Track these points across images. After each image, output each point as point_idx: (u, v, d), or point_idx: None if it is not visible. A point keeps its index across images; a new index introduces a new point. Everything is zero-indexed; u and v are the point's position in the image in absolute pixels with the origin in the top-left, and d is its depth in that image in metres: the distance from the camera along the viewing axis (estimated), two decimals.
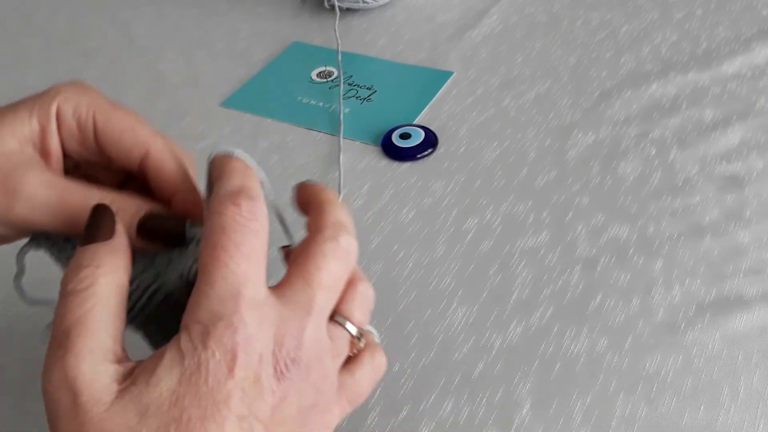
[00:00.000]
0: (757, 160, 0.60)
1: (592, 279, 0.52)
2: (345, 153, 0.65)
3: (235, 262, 0.29)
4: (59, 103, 0.35)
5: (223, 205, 0.30)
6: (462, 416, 0.45)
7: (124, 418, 0.27)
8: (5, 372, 0.50)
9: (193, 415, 0.27)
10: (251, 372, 0.28)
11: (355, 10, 0.84)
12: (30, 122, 0.35)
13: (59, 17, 0.90)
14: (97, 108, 0.36)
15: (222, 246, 0.29)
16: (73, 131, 0.36)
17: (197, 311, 0.29)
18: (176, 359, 0.28)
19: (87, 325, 0.28)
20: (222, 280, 0.29)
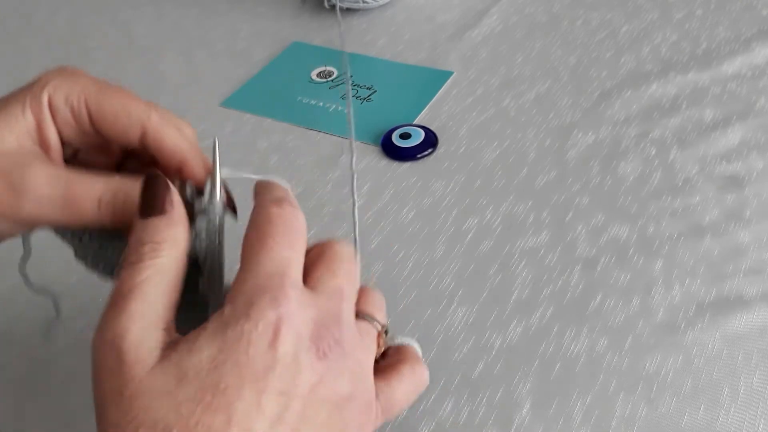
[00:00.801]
0: (757, 160, 0.60)
1: (592, 279, 0.52)
2: (345, 153, 0.65)
3: (281, 247, 0.31)
4: (50, 94, 0.35)
5: (268, 206, 0.32)
6: (462, 416, 0.45)
7: (163, 381, 0.27)
8: (5, 372, 0.50)
9: (230, 384, 0.27)
10: (292, 347, 0.28)
11: (355, 10, 0.84)
12: (24, 116, 0.35)
13: (59, 17, 0.90)
14: (88, 93, 0.36)
15: (269, 233, 0.31)
16: (68, 120, 0.36)
17: (242, 285, 0.29)
18: (219, 329, 0.28)
19: (143, 290, 0.29)
20: (269, 261, 0.30)
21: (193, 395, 0.27)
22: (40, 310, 0.54)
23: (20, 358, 0.51)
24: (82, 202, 0.34)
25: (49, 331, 0.41)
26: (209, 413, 0.27)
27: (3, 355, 0.51)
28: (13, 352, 0.52)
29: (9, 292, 0.56)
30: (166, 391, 0.27)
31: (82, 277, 0.55)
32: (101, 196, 0.34)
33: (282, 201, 0.32)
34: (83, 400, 0.30)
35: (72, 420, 0.47)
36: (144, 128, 0.36)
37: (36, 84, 0.35)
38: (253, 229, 0.31)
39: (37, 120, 0.35)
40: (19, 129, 0.35)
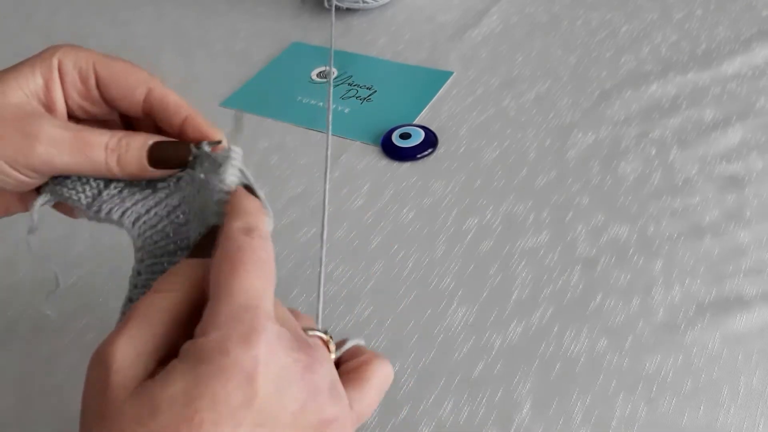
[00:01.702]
0: (757, 160, 0.60)
1: (592, 279, 0.52)
2: (345, 153, 0.65)
3: (253, 278, 0.30)
4: (60, 58, 0.37)
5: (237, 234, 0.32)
6: (462, 416, 0.45)
7: (137, 410, 0.27)
8: (5, 372, 0.50)
9: (206, 418, 0.27)
10: (272, 378, 0.28)
11: (355, 10, 0.84)
12: (34, 77, 0.36)
13: (59, 17, 0.90)
14: (96, 59, 0.38)
15: (240, 262, 0.30)
16: (75, 83, 0.37)
17: (216, 318, 0.29)
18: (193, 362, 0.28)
19: (147, 317, 0.30)
20: (242, 291, 0.29)
21: (165, 427, 0.26)
22: (39, 311, 0.54)
23: (20, 358, 0.51)
24: (90, 145, 0.35)
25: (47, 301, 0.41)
26: None
27: (3, 355, 0.51)
28: (14, 352, 0.52)
29: (8, 293, 0.56)
30: (139, 421, 0.27)
31: (82, 276, 0.56)
32: (108, 142, 0.36)
33: (251, 231, 0.32)
34: None
35: (72, 420, 0.47)
36: (149, 87, 0.38)
37: (47, 51, 0.37)
38: (222, 257, 0.31)
39: (46, 82, 0.37)
40: (28, 88, 0.36)
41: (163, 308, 0.30)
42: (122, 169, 0.36)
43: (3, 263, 0.58)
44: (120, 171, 0.36)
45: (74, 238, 0.58)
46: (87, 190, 0.37)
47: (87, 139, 0.35)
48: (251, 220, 0.33)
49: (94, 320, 0.53)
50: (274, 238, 0.51)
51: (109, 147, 0.36)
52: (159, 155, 0.36)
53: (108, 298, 0.54)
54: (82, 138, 0.35)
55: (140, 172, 0.36)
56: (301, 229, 0.58)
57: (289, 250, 0.56)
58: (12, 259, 0.58)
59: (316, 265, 0.55)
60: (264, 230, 0.33)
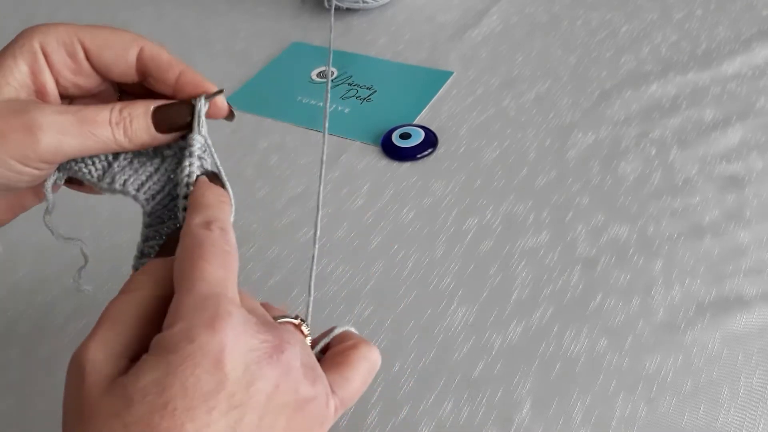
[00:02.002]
0: (757, 160, 0.60)
1: (592, 279, 0.52)
2: (345, 153, 0.65)
3: (214, 268, 0.31)
4: (40, 40, 0.36)
5: (196, 229, 0.32)
6: (462, 416, 0.45)
7: (112, 404, 0.28)
8: (5, 372, 0.50)
9: (179, 405, 0.27)
10: (241, 361, 0.29)
11: (355, 10, 0.84)
12: (18, 67, 0.35)
13: (59, 17, 0.90)
14: (78, 30, 0.37)
15: (200, 255, 0.31)
16: (65, 61, 0.36)
17: (180, 309, 0.29)
18: (161, 354, 0.28)
19: (117, 320, 0.31)
20: (203, 282, 0.30)
21: (140, 418, 0.27)
22: (41, 311, 0.54)
23: (20, 358, 0.51)
24: (95, 123, 0.35)
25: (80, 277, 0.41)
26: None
27: (3, 355, 0.51)
28: (13, 352, 0.52)
29: (8, 293, 0.56)
30: (114, 414, 0.27)
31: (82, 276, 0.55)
32: (110, 117, 0.35)
33: (210, 224, 0.33)
34: None
35: None
36: (140, 46, 0.37)
37: (23, 35, 0.36)
38: (183, 252, 0.32)
39: (32, 68, 0.36)
40: (15, 80, 0.35)
41: (131, 308, 0.31)
42: (132, 140, 0.36)
43: (3, 263, 0.58)
44: (130, 143, 0.36)
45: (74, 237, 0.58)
46: (97, 164, 0.37)
47: (90, 117, 0.35)
48: (210, 213, 0.33)
49: (94, 320, 0.52)
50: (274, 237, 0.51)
51: (113, 121, 0.35)
52: (164, 118, 0.36)
53: (108, 298, 0.54)
54: (84, 118, 0.35)
55: (151, 140, 0.36)
56: (301, 229, 0.58)
57: (289, 250, 0.56)
58: (12, 259, 0.58)
59: (316, 265, 0.55)
60: (224, 221, 0.33)
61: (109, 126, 0.35)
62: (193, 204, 0.34)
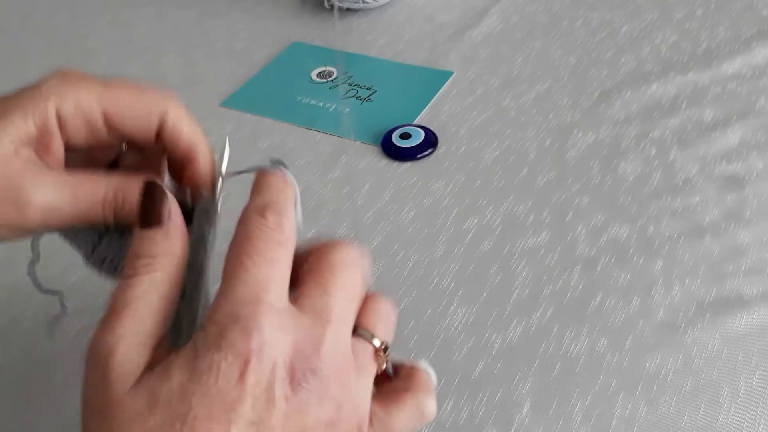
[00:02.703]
0: (757, 160, 0.60)
1: (592, 279, 0.52)
2: (345, 153, 0.65)
3: (257, 267, 0.29)
4: (57, 105, 0.34)
5: (250, 216, 0.31)
6: (462, 416, 0.45)
7: (137, 404, 0.27)
8: (5, 372, 0.50)
9: (199, 414, 0.27)
10: (263, 378, 0.28)
11: (355, 10, 0.85)
12: (26, 126, 0.33)
13: (59, 17, 0.90)
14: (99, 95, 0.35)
15: (245, 252, 0.30)
16: (79, 128, 0.35)
17: (216, 312, 0.29)
18: (189, 357, 0.28)
19: (135, 307, 0.29)
20: (242, 284, 0.29)
21: (162, 422, 0.27)
22: (40, 311, 0.54)
23: (20, 358, 0.51)
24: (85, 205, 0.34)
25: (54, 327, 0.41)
26: None
27: (3, 355, 0.51)
28: (13, 352, 0.52)
29: (9, 293, 0.56)
30: (138, 416, 0.27)
31: (82, 276, 0.55)
32: (104, 197, 0.34)
33: (266, 208, 0.31)
34: None
35: (72, 420, 0.47)
36: (163, 120, 0.35)
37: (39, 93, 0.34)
38: (232, 244, 0.30)
39: (40, 131, 0.34)
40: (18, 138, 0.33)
41: (148, 293, 0.30)
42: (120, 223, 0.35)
43: (3, 263, 0.58)
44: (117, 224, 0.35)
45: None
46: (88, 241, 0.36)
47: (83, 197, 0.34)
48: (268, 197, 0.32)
49: (94, 320, 0.52)
50: None
51: (106, 201, 0.34)
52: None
53: (108, 298, 0.54)
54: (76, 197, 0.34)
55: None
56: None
57: None
58: (12, 259, 0.58)
59: None
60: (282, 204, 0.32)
61: (101, 206, 0.34)
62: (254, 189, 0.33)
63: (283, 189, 0.33)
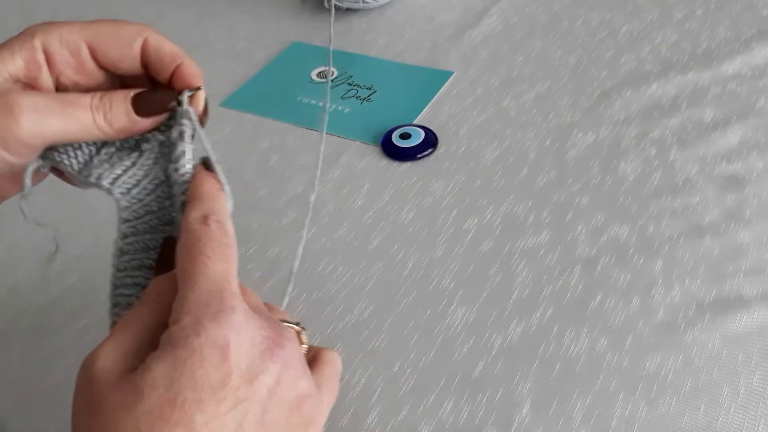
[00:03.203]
0: (757, 160, 0.60)
1: (592, 279, 0.52)
2: (345, 153, 0.65)
3: (214, 263, 0.32)
4: (43, 40, 0.36)
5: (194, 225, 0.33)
6: (462, 416, 0.45)
7: (122, 397, 0.28)
8: (5, 372, 0.50)
9: (188, 397, 0.28)
10: (245, 355, 0.30)
11: (355, 10, 0.84)
12: (13, 61, 0.35)
13: (59, 16, 0.89)
14: (81, 28, 0.37)
15: (199, 252, 0.32)
16: (67, 60, 0.37)
17: (185, 305, 0.30)
18: (168, 348, 0.29)
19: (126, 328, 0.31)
20: (205, 277, 0.31)
21: (150, 410, 0.28)
22: (40, 311, 0.54)
23: (20, 358, 0.51)
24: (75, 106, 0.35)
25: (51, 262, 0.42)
26: (169, 426, 0.28)
27: (3, 355, 0.51)
28: (14, 352, 0.52)
29: (8, 293, 0.56)
30: (124, 407, 0.28)
31: (82, 276, 0.56)
32: (90, 102, 0.36)
33: (207, 218, 0.33)
34: None
35: None
36: (145, 42, 0.38)
37: (24, 33, 0.37)
38: (183, 249, 0.33)
39: (27, 64, 0.36)
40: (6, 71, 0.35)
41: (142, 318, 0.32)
42: (111, 124, 0.36)
43: (3, 263, 0.58)
44: (109, 127, 0.36)
45: (74, 238, 0.58)
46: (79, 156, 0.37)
47: (70, 101, 0.35)
48: (207, 206, 0.34)
49: (94, 320, 0.53)
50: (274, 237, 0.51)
51: (93, 105, 0.36)
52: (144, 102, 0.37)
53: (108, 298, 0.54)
54: (65, 101, 0.35)
55: (131, 125, 0.36)
56: (302, 229, 0.58)
57: (290, 250, 0.56)
58: (12, 259, 0.58)
59: (316, 264, 0.55)
60: (220, 212, 0.34)
61: (90, 110, 0.35)
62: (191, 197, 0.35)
63: (218, 196, 0.35)
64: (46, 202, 0.47)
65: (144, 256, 0.37)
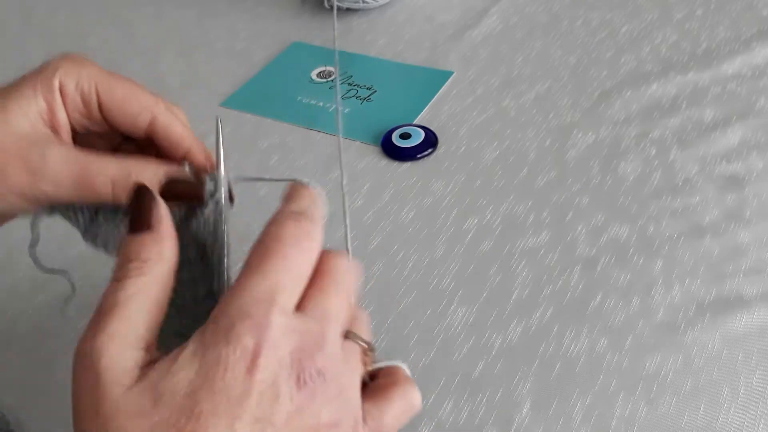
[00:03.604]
0: (757, 160, 0.60)
1: (592, 279, 0.52)
2: (345, 153, 0.65)
3: (277, 270, 0.30)
4: (60, 79, 0.36)
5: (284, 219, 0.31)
6: (462, 416, 0.45)
7: (139, 402, 0.27)
8: (5, 372, 0.50)
9: (205, 409, 0.27)
10: (270, 375, 0.28)
11: (355, 10, 0.85)
12: (36, 100, 0.35)
13: (59, 17, 0.90)
14: (98, 80, 0.37)
15: (271, 252, 0.30)
16: (77, 105, 0.36)
17: (228, 306, 0.29)
18: (198, 350, 0.28)
19: (124, 309, 0.29)
20: (259, 285, 0.29)
21: (167, 418, 0.27)
22: (40, 311, 0.54)
23: (20, 358, 0.51)
24: (97, 181, 0.35)
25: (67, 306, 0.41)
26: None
27: (3, 355, 0.51)
28: (14, 352, 0.52)
29: (9, 293, 0.56)
30: (140, 413, 0.27)
31: (82, 276, 0.55)
32: (114, 177, 0.35)
33: (302, 215, 0.32)
34: None
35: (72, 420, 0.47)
36: (153, 116, 0.37)
37: (46, 69, 0.36)
38: (260, 241, 0.31)
39: (48, 104, 0.36)
40: (31, 112, 0.35)
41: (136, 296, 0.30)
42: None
43: (3, 263, 0.58)
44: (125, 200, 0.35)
45: (74, 238, 0.58)
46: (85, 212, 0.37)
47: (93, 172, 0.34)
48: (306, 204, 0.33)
49: None
50: None
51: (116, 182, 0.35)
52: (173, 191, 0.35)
53: None
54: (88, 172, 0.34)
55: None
56: None
57: None
58: (12, 259, 0.58)
59: None
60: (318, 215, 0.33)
61: (111, 185, 0.35)
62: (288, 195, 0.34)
63: (318, 202, 0.34)
64: None
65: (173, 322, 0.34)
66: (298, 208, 0.32)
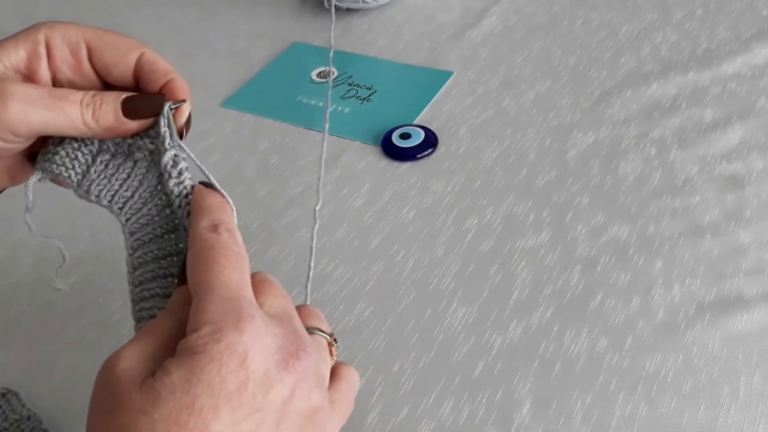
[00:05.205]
0: (757, 160, 0.60)
1: (592, 279, 0.52)
2: (345, 153, 0.65)
3: (229, 271, 0.32)
4: (47, 34, 0.37)
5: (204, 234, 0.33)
6: (462, 416, 0.45)
7: (140, 400, 0.28)
8: (6, 372, 0.50)
9: (205, 404, 0.28)
10: (262, 364, 0.29)
11: (355, 10, 0.85)
12: (16, 51, 0.37)
13: (59, 17, 0.90)
14: (86, 30, 0.38)
15: (214, 259, 0.32)
16: (66, 57, 0.38)
17: (203, 314, 0.30)
18: (186, 354, 0.29)
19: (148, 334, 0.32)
20: (222, 286, 0.31)
21: (167, 415, 0.28)
22: (39, 311, 0.54)
23: (20, 357, 0.51)
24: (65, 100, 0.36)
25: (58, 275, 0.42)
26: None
27: (3, 355, 0.51)
28: (14, 352, 0.52)
29: (8, 293, 0.56)
30: (142, 410, 0.28)
31: (82, 277, 0.56)
32: (82, 98, 0.36)
33: (217, 227, 0.34)
34: (84, 400, 0.31)
35: (73, 420, 0.47)
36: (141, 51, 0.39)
37: (32, 27, 0.38)
38: (195, 257, 0.33)
39: (29, 56, 0.37)
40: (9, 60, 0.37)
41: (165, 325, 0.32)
42: (99, 122, 0.37)
43: (3, 263, 0.58)
44: (97, 125, 0.37)
45: (74, 238, 0.58)
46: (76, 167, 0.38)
47: (62, 94, 0.36)
48: (215, 216, 0.34)
49: (94, 320, 0.53)
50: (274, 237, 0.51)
51: (83, 102, 0.36)
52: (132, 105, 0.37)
53: (108, 298, 0.54)
54: (56, 94, 0.36)
55: (117, 125, 0.37)
56: (302, 229, 0.58)
57: (289, 249, 0.56)
58: (12, 259, 0.58)
59: (317, 265, 0.55)
60: (229, 222, 0.34)
61: (79, 106, 0.36)
62: (196, 209, 0.35)
63: (225, 208, 0.36)
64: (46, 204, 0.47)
65: (156, 266, 0.37)
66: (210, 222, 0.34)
